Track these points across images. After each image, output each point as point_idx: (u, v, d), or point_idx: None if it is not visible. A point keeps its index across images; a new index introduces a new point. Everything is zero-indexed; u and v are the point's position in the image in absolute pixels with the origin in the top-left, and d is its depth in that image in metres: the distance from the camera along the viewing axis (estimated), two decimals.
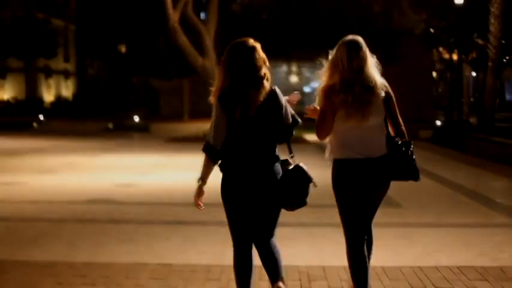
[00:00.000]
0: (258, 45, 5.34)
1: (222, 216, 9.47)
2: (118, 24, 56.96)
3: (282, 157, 5.49)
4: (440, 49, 38.99)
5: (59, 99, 58.62)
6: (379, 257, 7.42)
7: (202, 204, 5.42)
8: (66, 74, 64.74)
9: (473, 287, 6.38)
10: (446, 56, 39.57)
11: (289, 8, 45.38)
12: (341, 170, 5.51)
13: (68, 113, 48.66)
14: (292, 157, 5.53)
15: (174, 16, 27.63)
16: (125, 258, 7.26)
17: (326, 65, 5.54)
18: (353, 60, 5.31)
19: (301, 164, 5.48)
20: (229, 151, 5.24)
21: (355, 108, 5.23)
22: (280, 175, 5.39)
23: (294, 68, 61.97)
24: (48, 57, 56.23)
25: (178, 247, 7.84)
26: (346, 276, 6.58)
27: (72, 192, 12.29)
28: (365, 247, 5.63)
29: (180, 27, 27.97)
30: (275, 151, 5.39)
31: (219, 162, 5.32)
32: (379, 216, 10.03)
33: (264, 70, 5.29)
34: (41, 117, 41.21)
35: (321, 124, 5.44)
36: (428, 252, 7.73)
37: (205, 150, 5.23)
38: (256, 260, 5.50)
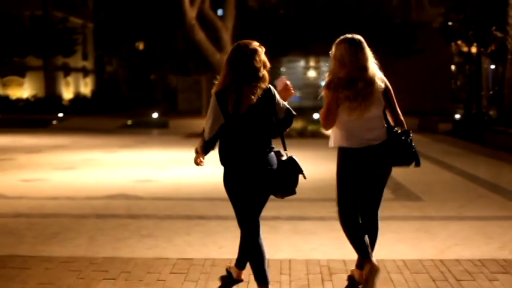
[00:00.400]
0: (260, 49, 5.76)
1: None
2: (135, 22, 57.07)
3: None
4: (459, 42, 38.70)
5: (78, 97, 58.79)
6: (400, 250, 7.43)
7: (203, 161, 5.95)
8: (84, 72, 64.99)
9: (495, 279, 6.35)
10: (465, 49, 39.32)
11: (306, 2, 45.28)
12: (346, 158, 6.09)
13: (87, 110, 48.78)
14: (285, 149, 5.97)
15: (191, 13, 27.63)
16: (146, 253, 7.28)
17: (331, 61, 6.02)
18: (358, 59, 5.86)
19: (293, 156, 5.95)
20: (226, 144, 5.71)
21: (358, 102, 5.80)
22: (276, 166, 5.82)
23: (312, 63, 61.92)
24: (66, 55, 56.47)
25: (198, 242, 7.86)
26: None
27: (92, 188, 12.33)
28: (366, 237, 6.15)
29: (197, 24, 27.96)
30: (269, 144, 5.82)
31: (221, 155, 5.74)
32: (399, 208, 10.10)
33: (263, 72, 5.69)
34: (60, 114, 41.37)
35: (326, 116, 5.97)
36: (449, 245, 7.70)
37: (203, 144, 5.78)
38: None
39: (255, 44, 5.76)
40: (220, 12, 35.39)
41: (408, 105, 45.32)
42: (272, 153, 5.84)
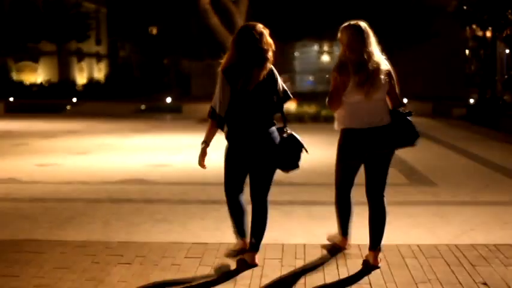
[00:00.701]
0: (266, 31, 6.18)
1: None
2: (149, 6, 56.99)
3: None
4: (473, 26, 38.50)
5: (91, 82, 58.87)
6: (415, 235, 7.42)
7: (206, 165, 6.53)
8: (98, 57, 65.15)
9: (510, 264, 6.34)
10: (480, 33, 39.10)
11: None
12: (348, 137, 6.36)
13: (100, 95, 48.83)
14: (285, 127, 6.39)
15: None
16: (161, 238, 7.29)
17: (341, 47, 6.36)
18: (365, 44, 6.18)
19: (294, 133, 6.45)
20: (231, 119, 6.17)
21: (366, 85, 6.13)
22: (278, 140, 6.31)
23: (326, 48, 61.74)
24: (80, 40, 56.66)
25: (213, 226, 7.87)
26: (382, 254, 6.57)
27: (107, 173, 12.37)
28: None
29: (211, 8, 27.88)
30: (271, 120, 6.30)
31: (225, 131, 6.26)
32: (415, 194, 10.08)
33: (269, 54, 6.13)
34: (74, 99, 41.43)
35: (334, 97, 6.28)
36: (464, 230, 7.67)
37: (211, 116, 6.24)
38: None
39: (261, 26, 6.18)
40: None
41: (422, 90, 45.24)
42: (274, 128, 6.29)
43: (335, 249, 6.84)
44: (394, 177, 11.78)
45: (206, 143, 6.40)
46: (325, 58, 62.74)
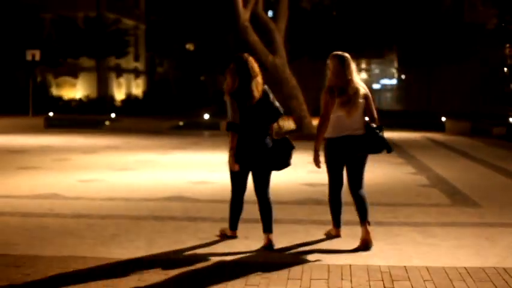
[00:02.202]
0: (251, 58, 7.93)
1: (299, 214, 9.51)
2: (187, 23, 57.37)
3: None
4: None
5: (129, 98, 59.39)
6: (462, 257, 7.32)
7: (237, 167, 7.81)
8: (136, 73, 65.64)
9: None
10: None
11: (358, 4, 45.04)
12: (332, 144, 7.97)
13: (138, 111, 49.23)
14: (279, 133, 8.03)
15: (245, 14, 27.57)
16: (205, 256, 7.28)
17: (328, 73, 7.99)
18: (345, 73, 7.85)
19: (287, 136, 7.99)
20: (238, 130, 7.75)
21: (348, 105, 7.82)
22: (271, 145, 7.89)
23: (364, 65, 61.68)
24: (118, 56, 57.27)
25: (257, 246, 7.84)
26: (429, 276, 6.52)
27: (148, 189, 12.43)
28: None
29: (250, 26, 27.93)
30: (267, 130, 7.92)
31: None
32: (458, 215, 9.97)
33: (260, 75, 7.87)
34: (113, 115, 41.77)
35: (325, 115, 7.93)
36: None
37: (231, 128, 7.74)
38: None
39: (247, 55, 7.98)
40: (270, 13, 35.38)
41: (460, 109, 44.91)
42: (268, 136, 7.91)
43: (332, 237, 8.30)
44: (437, 198, 11.74)
45: (233, 149, 7.74)
46: (363, 76, 62.59)
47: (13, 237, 8.31)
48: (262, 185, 7.98)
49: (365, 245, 7.73)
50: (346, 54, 7.95)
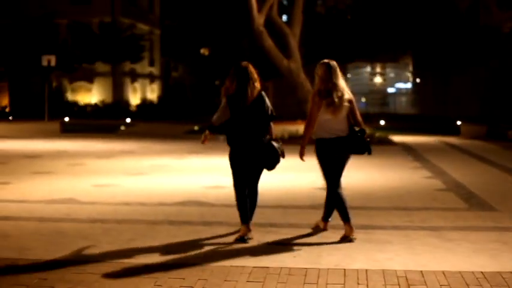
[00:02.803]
0: (251, 66, 8.71)
1: (314, 218, 9.45)
2: (201, 28, 57.48)
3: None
4: None
5: (145, 102, 59.54)
6: (478, 262, 7.28)
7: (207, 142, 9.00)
8: (151, 78, 65.76)
9: None
10: None
11: (373, 8, 44.95)
12: (320, 144, 8.67)
13: (153, 115, 49.35)
14: (269, 138, 8.70)
15: (259, 19, 27.62)
16: (222, 261, 7.28)
17: (316, 78, 8.71)
18: (331, 78, 8.57)
19: (273, 142, 8.68)
20: (233, 130, 8.64)
21: (333, 107, 8.52)
22: (264, 145, 8.62)
23: (378, 69, 61.59)
24: (134, 61, 57.46)
25: (274, 250, 7.82)
26: (446, 281, 6.49)
27: (164, 194, 12.46)
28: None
29: (265, 30, 27.96)
30: (262, 132, 8.65)
31: (226, 138, 8.77)
32: (475, 219, 9.92)
33: (257, 81, 8.62)
34: (128, 120, 41.85)
35: (313, 115, 8.62)
36: None
37: (210, 128, 8.80)
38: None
39: (246, 63, 8.78)
40: (284, 18, 35.39)
41: (477, 113, 44.72)
42: (264, 138, 8.63)
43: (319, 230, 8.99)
44: (453, 202, 11.69)
45: (205, 132, 8.89)
46: (378, 80, 62.51)
47: (29, 241, 8.34)
48: (254, 180, 8.84)
49: (345, 240, 8.44)
50: (333, 62, 8.75)
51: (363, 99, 62.74)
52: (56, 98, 52.28)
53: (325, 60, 8.77)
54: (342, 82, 8.63)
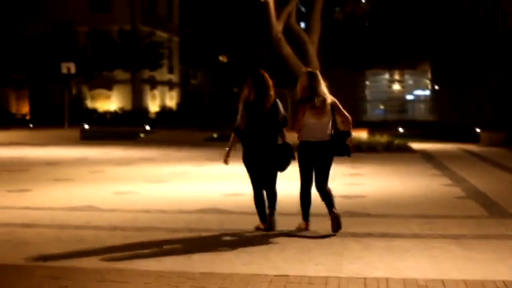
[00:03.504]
0: (266, 74, 9.45)
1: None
2: (220, 35, 57.61)
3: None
4: None
5: (164, 110, 59.69)
6: (500, 271, 7.23)
7: (228, 161, 9.85)
8: (170, 85, 65.89)
9: None
10: None
11: (392, 15, 44.86)
12: (303, 147, 9.41)
13: (172, 122, 49.47)
14: (283, 139, 9.58)
15: (278, 26, 27.59)
16: (242, 269, 7.29)
17: (299, 86, 9.45)
18: (313, 84, 9.30)
19: (288, 142, 9.52)
20: (249, 134, 9.38)
21: (315, 111, 9.26)
22: (277, 149, 9.48)
23: (397, 76, 61.50)
24: (153, 68, 57.70)
25: (293, 258, 7.82)
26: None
27: (183, 201, 12.49)
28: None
29: (283, 38, 27.94)
30: (276, 136, 9.52)
31: (243, 141, 9.46)
32: (496, 227, 9.85)
33: (272, 89, 9.40)
34: (147, 127, 41.95)
35: (296, 121, 9.35)
36: None
37: (236, 131, 9.45)
38: None
39: (263, 71, 9.49)
40: (302, 25, 35.36)
41: (496, 120, 44.45)
42: (276, 141, 9.48)
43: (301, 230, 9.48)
44: (473, 210, 11.63)
45: (230, 146, 9.65)
46: (396, 87, 62.43)
47: (50, 249, 8.39)
48: (271, 182, 9.63)
49: (337, 226, 9.27)
50: (315, 70, 9.68)
51: (381, 107, 62.66)
52: (76, 105, 52.63)
53: (308, 69, 9.92)
54: (323, 88, 9.39)
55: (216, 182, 15.47)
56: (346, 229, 9.55)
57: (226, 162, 9.83)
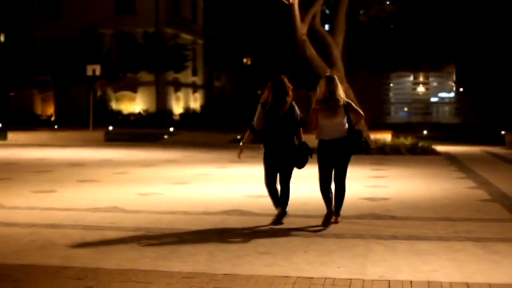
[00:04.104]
0: (286, 79, 10.24)
1: (359, 229, 9.44)
2: (244, 38, 57.68)
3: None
4: None
5: (188, 112, 59.82)
6: None
7: (240, 155, 10.87)
8: (194, 87, 65.97)
9: None
10: None
11: (416, 17, 44.66)
12: (320, 145, 10.21)
13: (196, 124, 49.57)
14: (300, 139, 10.30)
15: (302, 29, 27.48)
16: (265, 271, 7.29)
17: (318, 89, 10.16)
18: (329, 88, 10.01)
19: (305, 142, 10.27)
20: (268, 134, 10.17)
21: (329, 112, 10.02)
22: (293, 148, 10.21)
23: (421, 78, 61.33)
24: (177, 70, 57.88)
25: (316, 260, 7.81)
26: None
27: (207, 203, 12.53)
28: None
29: (308, 40, 27.89)
30: (292, 136, 10.22)
31: (263, 141, 10.28)
32: None
33: (290, 93, 10.14)
34: (171, 129, 42.07)
35: (311, 121, 10.19)
36: None
37: (252, 129, 10.32)
38: None
39: (283, 76, 10.26)
40: (327, 27, 35.29)
41: None
42: (293, 141, 10.22)
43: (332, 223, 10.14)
44: (498, 213, 11.56)
45: (243, 142, 10.71)
46: (420, 89, 62.37)
47: (75, 249, 8.45)
48: (285, 178, 10.33)
49: (327, 223, 10.09)
50: (333, 75, 10.65)
51: (405, 109, 62.61)
52: (100, 107, 52.75)
53: (327, 74, 10.79)
54: (339, 91, 10.10)
55: (240, 184, 15.52)
56: (369, 231, 9.54)
57: (239, 156, 10.87)
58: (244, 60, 67.09)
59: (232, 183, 15.87)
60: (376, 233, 9.40)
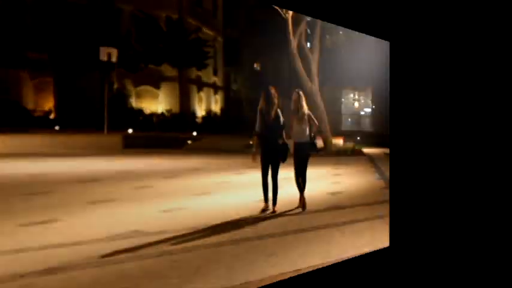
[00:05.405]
0: (273, 89, 13.00)
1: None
2: (257, 42, 57.28)
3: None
4: None
5: (209, 114, 58.93)
6: None
7: (255, 161, 13.08)
8: (215, 88, 64.70)
9: None
10: None
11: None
12: (293, 145, 13.21)
13: (217, 128, 49.06)
14: (283, 139, 13.11)
15: (293, 43, 33.73)
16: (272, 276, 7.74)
17: (292, 102, 13.45)
18: (299, 101, 13.34)
19: (287, 141, 13.02)
20: (262, 135, 12.77)
21: (298, 120, 13.25)
22: (279, 147, 12.89)
23: (357, 96, 74.35)
24: (200, 68, 55.49)
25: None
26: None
27: (227, 213, 12.93)
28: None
29: (297, 54, 33.54)
30: (279, 136, 12.92)
31: (260, 141, 12.79)
32: None
33: (275, 101, 12.85)
34: (194, 133, 41.61)
35: (290, 126, 13.30)
36: None
37: (255, 134, 12.90)
38: None
39: (272, 87, 13.03)
40: (308, 44, 39.04)
41: None
42: (279, 141, 12.90)
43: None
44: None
45: (255, 150, 13.01)
46: (356, 104, 79.32)
47: None
48: (274, 172, 12.95)
49: (305, 206, 13.34)
50: (301, 91, 13.60)
51: (349, 119, 78.07)
52: (117, 103, 42.51)
53: (296, 90, 13.59)
54: (304, 104, 13.34)
55: (257, 190, 15.05)
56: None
57: (254, 161, 13.11)
58: (255, 65, 66.88)
59: (249, 189, 16.11)
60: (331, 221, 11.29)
